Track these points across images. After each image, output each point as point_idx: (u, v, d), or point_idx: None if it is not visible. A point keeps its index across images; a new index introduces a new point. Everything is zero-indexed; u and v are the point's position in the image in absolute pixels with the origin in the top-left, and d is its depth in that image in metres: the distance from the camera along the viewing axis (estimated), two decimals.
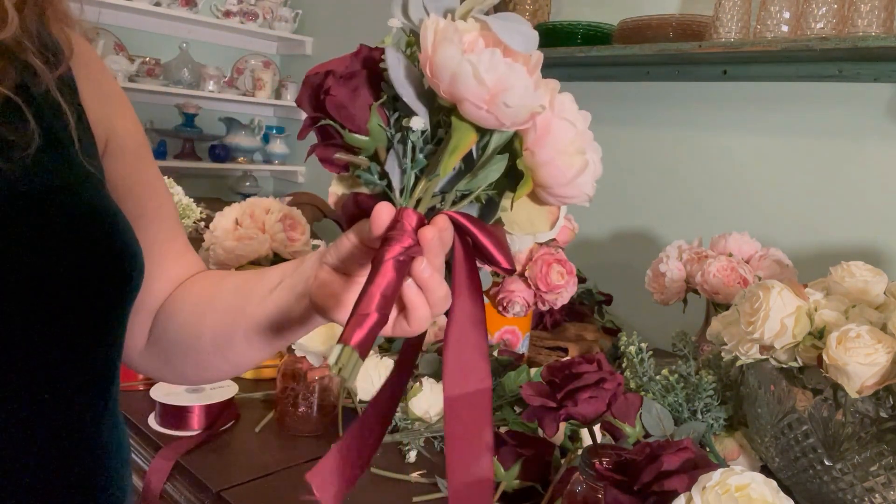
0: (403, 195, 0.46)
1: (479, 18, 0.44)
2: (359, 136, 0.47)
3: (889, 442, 0.68)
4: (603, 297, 1.48)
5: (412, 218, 0.44)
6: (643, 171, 1.73)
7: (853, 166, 1.41)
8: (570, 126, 0.46)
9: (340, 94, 0.46)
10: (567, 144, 0.46)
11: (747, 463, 0.88)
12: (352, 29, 2.60)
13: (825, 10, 1.28)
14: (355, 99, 0.46)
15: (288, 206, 1.27)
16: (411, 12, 0.46)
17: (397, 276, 0.42)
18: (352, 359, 0.40)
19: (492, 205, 0.48)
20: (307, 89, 0.48)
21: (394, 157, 0.46)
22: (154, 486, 0.85)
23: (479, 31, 0.44)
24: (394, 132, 0.46)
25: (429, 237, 0.43)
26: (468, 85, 0.41)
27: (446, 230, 0.44)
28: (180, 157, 2.65)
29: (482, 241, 0.45)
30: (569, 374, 0.74)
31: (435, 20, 0.43)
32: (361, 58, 0.47)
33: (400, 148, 0.46)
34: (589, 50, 1.60)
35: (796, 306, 0.76)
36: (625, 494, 0.59)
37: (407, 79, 0.45)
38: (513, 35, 0.43)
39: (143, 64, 2.49)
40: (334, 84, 0.46)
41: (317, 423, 0.97)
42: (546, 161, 0.46)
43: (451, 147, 0.44)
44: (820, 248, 1.44)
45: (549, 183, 0.46)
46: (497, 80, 0.41)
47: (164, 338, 0.63)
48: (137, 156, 0.62)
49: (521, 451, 0.79)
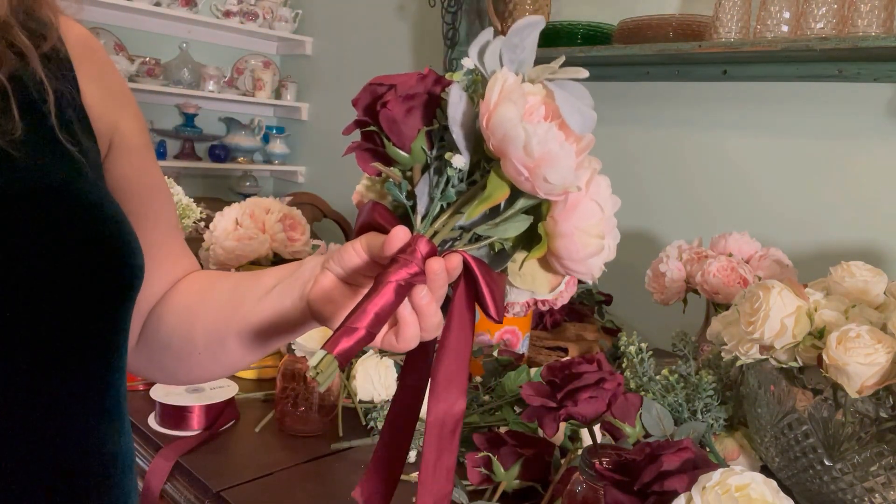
0: (424, 221, 0.48)
1: (547, 86, 0.45)
2: (401, 151, 0.48)
3: (889, 442, 0.68)
4: (603, 297, 1.48)
5: (425, 247, 0.45)
6: (643, 171, 1.73)
7: (853, 166, 1.41)
8: (598, 210, 0.48)
9: (396, 110, 0.47)
10: (590, 225, 0.48)
11: (747, 463, 0.88)
12: (352, 29, 2.60)
13: (825, 10, 1.28)
14: (408, 118, 0.48)
15: (288, 206, 1.27)
16: (486, 58, 0.47)
17: (395, 299, 0.44)
18: (331, 366, 0.41)
19: (503, 255, 0.49)
20: (367, 95, 0.49)
21: (426, 182, 0.48)
22: (154, 486, 0.85)
23: (544, 98, 0.45)
24: (434, 159, 0.48)
25: (435, 269, 0.44)
26: (516, 150, 0.43)
27: (457, 269, 0.46)
28: (180, 157, 2.65)
29: (483, 288, 0.47)
30: (569, 374, 0.74)
31: (505, 75, 0.44)
32: (427, 82, 0.48)
33: (435, 176, 0.48)
34: (589, 50, 1.60)
35: (796, 306, 0.76)
36: (625, 494, 0.59)
37: (462, 118, 0.46)
38: (573, 113, 0.44)
39: (143, 64, 2.49)
40: (393, 99, 0.47)
41: (317, 423, 0.97)
42: (565, 234, 0.47)
43: (484, 196, 0.46)
44: (820, 248, 1.44)
45: (562, 254, 0.48)
46: (544, 154, 0.43)
47: (155, 338, 0.63)
48: (141, 156, 0.62)
49: (521, 451, 0.79)
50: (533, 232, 0.48)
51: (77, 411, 0.51)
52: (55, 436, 0.49)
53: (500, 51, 0.47)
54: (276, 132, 2.85)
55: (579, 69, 0.46)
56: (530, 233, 0.49)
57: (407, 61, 2.36)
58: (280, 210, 1.23)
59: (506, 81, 0.44)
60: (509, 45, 0.47)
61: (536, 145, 0.42)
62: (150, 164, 0.63)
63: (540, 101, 0.45)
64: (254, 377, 1.15)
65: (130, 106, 0.62)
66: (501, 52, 0.47)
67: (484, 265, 0.48)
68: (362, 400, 1.02)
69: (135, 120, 0.62)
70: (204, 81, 2.60)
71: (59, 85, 0.53)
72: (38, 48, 0.52)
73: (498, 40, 0.47)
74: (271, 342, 0.57)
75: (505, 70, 0.45)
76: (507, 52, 0.47)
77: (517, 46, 0.47)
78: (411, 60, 2.35)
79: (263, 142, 2.82)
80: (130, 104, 0.62)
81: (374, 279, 0.45)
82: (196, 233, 1.43)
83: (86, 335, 0.51)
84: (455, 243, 0.48)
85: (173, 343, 0.62)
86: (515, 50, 0.47)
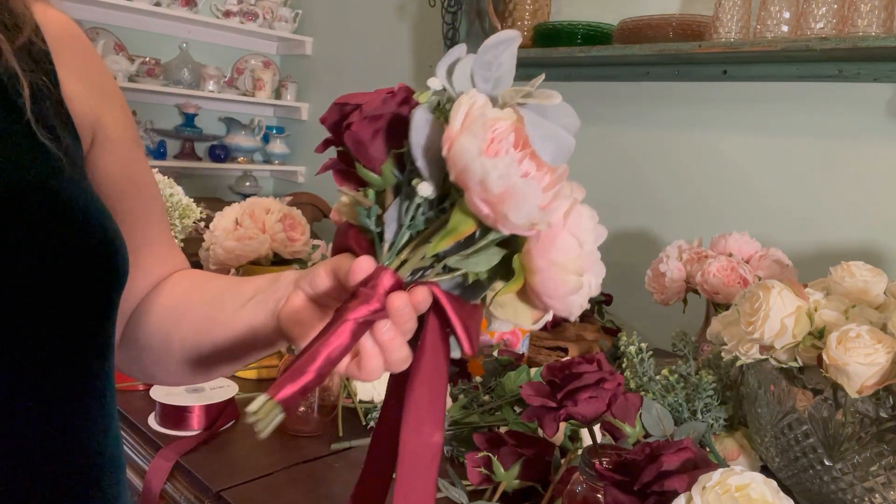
0: (392, 250, 0.44)
1: (518, 112, 0.41)
2: (371, 173, 0.46)
3: (889, 442, 0.68)
4: (603, 297, 1.48)
5: (388, 280, 0.42)
6: (643, 171, 1.73)
7: (853, 166, 1.41)
8: (576, 244, 0.44)
9: (361, 132, 0.45)
10: (567, 261, 0.44)
11: (747, 463, 0.88)
12: (352, 29, 2.60)
13: (825, 10, 1.28)
14: (375, 140, 0.45)
15: (288, 206, 1.27)
16: (456, 77, 0.44)
17: (351, 340, 0.41)
18: (272, 413, 0.39)
19: (479, 287, 0.46)
20: (333, 114, 0.46)
21: (396, 208, 0.45)
22: (154, 486, 0.85)
23: (514, 123, 0.41)
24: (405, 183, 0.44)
25: (397, 306, 0.42)
26: (475, 185, 0.40)
27: (423, 302, 0.43)
28: (180, 157, 2.65)
29: (454, 321, 0.44)
30: (569, 374, 0.74)
31: (471, 100, 0.41)
32: (393, 102, 0.45)
33: (406, 202, 0.44)
34: (589, 50, 1.60)
35: (796, 306, 0.76)
36: (625, 494, 0.59)
37: (426, 143, 0.43)
38: (545, 142, 0.40)
39: (143, 64, 2.49)
40: (358, 120, 0.44)
41: (317, 423, 0.97)
42: (541, 269, 0.44)
43: (448, 229, 0.43)
44: (820, 248, 1.44)
45: (539, 290, 0.45)
46: (506, 191, 0.39)
47: (136, 338, 0.62)
48: (127, 150, 0.59)
49: (521, 451, 0.79)
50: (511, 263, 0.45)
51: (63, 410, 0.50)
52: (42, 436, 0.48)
53: (472, 69, 0.43)
54: (276, 132, 2.85)
55: (552, 93, 0.41)
56: (508, 264, 0.45)
57: (407, 61, 2.36)
58: (280, 210, 1.23)
59: (472, 106, 0.40)
60: (481, 62, 0.43)
61: (497, 180, 0.39)
62: (137, 159, 0.61)
63: (509, 126, 0.41)
64: (254, 377, 1.15)
65: (115, 98, 0.59)
66: (473, 71, 0.43)
67: (455, 298, 0.44)
68: (362, 400, 1.02)
69: (120, 112, 0.59)
70: (204, 81, 2.60)
71: (35, 78, 0.51)
72: (12, 41, 0.50)
73: (469, 58, 0.44)
74: (246, 355, 0.56)
75: (473, 92, 0.41)
76: (480, 70, 0.43)
77: (490, 64, 0.43)
78: (411, 60, 2.35)
79: (263, 142, 2.82)
80: (115, 96, 0.59)
81: (335, 312, 0.42)
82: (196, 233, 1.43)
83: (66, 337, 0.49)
84: (426, 273, 0.45)
85: (153, 345, 0.61)
86: (489, 68, 0.43)
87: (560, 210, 0.44)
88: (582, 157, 2.08)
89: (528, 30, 1.77)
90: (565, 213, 0.44)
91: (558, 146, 0.41)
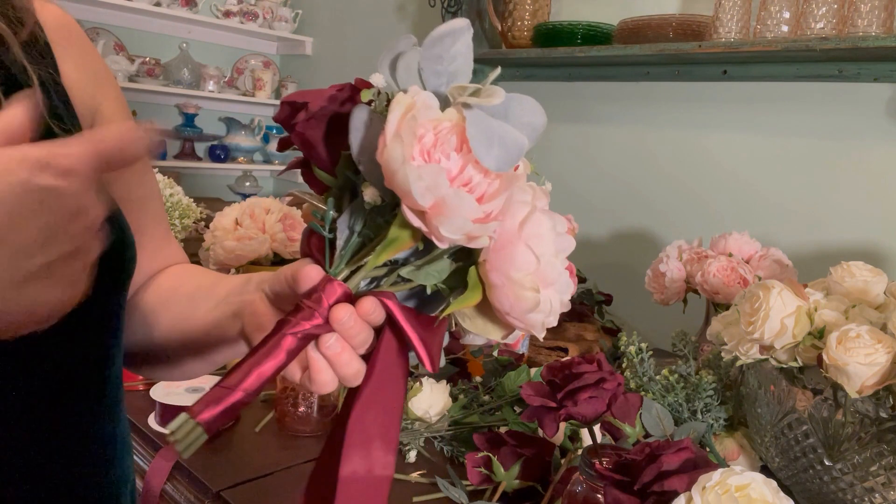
0: (341, 258, 0.41)
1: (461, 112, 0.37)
2: (325, 174, 0.42)
3: (889, 442, 0.68)
4: (603, 297, 1.48)
5: (335, 292, 0.39)
6: (643, 171, 1.73)
7: (853, 166, 1.41)
8: (532, 258, 0.39)
9: (308, 133, 0.41)
10: (522, 277, 0.39)
11: (747, 463, 0.88)
12: (352, 29, 2.60)
13: (825, 10, 1.28)
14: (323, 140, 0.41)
15: (288, 206, 1.27)
16: (400, 73, 0.40)
17: (288, 357, 0.39)
18: (193, 434, 0.36)
19: (438, 298, 0.42)
20: (282, 113, 0.43)
21: (348, 213, 0.41)
22: (154, 486, 0.85)
23: (456, 124, 0.37)
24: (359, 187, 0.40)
25: (340, 318, 0.39)
26: (404, 195, 0.36)
27: (372, 313, 0.39)
28: (180, 157, 2.65)
29: (409, 335, 0.40)
30: (569, 374, 0.74)
31: (409, 99, 0.37)
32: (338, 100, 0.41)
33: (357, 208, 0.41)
34: (589, 50, 1.60)
35: (796, 306, 0.76)
36: (625, 494, 0.59)
37: (366, 145, 0.39)
38: (490, 147, 0.36)
39: (143, 64, 2.49)
40: (303, 121, 0.41)
41: (317, 423, 0.97)
42: (496, 285, 0.40)
43: (388, 240, 0.39)
44: (820, 248, 1.44)
45: (497, 307, 0.41)
46: (436, 203, 0.36)
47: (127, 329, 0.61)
48: None
49: (521, 451, 0.79)
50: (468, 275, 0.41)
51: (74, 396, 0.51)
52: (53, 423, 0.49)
53: (419, 64, 0.39)
54: (276, 132, 2.85)
55: (495, 91, 0.37)
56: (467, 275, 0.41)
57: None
58: (280, 210, 1.23)
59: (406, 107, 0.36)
60: (429, 56, 0.39)
61: (424, 192, 0.35)
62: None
63: (451, 128, 0.37)
64: None
65: (111, 87, 0.60)
66: (421, 66, 0.39)
67: (410, 310, 0.41)
68: None
69: (116, 101, 0.60)
70: (204, 81, 2.60)
71: (41, 70, 0.52)
72: (17, 34, 0.50)
73: (414, 51, 0.40)
74: (216, 354, 0.55)
75: (414, 89, 0.38)
76: (428, 64, 0.39)
77: (440, 58, 0.39)
78: None
79: (263, 142, 2.82)
80: (111, 85, 0.60)
81: (275, 324, 0.39)
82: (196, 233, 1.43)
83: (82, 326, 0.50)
84: (381, 283, 0.41)
85: (138, 338, 0.61)
86: (440, 61, 0.39)
87: (515, 219, 0.39)
88: (582, 157, 2.07)
89: (528, 30, 1.77)
90: (521, 221, 0.39)
91: (505, 150, 0.37)
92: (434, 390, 0.97)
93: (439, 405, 0.96)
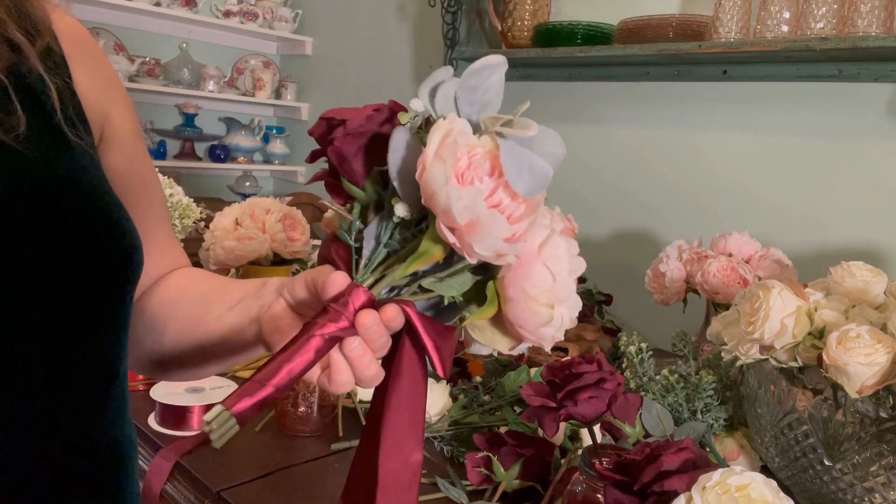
0: (367, 267, 0.44)
1: (496, 140, 0.40)
2: (354, 187, 0.46)
3: (889, 442, 0.68)
4: (603, 297, 1.48)
5: (360, 298, 0.42)
6: (643, 171, 1.73)
7: (853, 166, 1.41)
8: (549, 276, 0.43)
9: (344, 148, 0.45)
10: (539, 293, 0.43)
11: (747, 463, 0.88)
12: (352, 29, 2.60)
13: (825, 10, 1.28)
14: (358, 156, 0.45)
15: (288, 206, 1.27)
16: (439, 100, 0.43)
17: (316, 356, 0.41)
18: (227, 424, 0.39)
19: (453, 309, 0.45)
20: (319, 128, 0.47)
21: (375, 225, 0.44)
22: (154, 486, 0.85)
23: (490, 150, 0.40)
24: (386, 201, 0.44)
25: (365, 323, 0.42)
26: (442, 213, 0.39)
27: (394, 320, 0.42)
28: (180, 157, 2.65)
29: (425, 342, 0.43)
30: (569, 374, 0.74)
31: (447, 126, 0.40)
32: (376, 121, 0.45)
33: (384, 221, 0.44)
34: (589, 50, 1.60)
35: (796, 306, 0.76)
36: (625, 494, 0.59)
37: (403, 165, 0.42)
38: (520, 174, 0.39)
39: (143, 64, 2.49)
40: (341, 136, 0.45)
41: (317, 423, 0.97)
42: (513, 299, 0.43)
43: (418, 253, 0.43)
44: (820, 248, 1.44)
45: (511, 319, 0.44)
46: (471, 222, 0.39)
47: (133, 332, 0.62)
48: (132, 146, 0.61)
49: (521, 451, 0.79)
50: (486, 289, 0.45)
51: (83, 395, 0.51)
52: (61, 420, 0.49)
53: (456, 93, 0.42)
54: (276, 132, 2.85)
55: (530, 124, 0.40)
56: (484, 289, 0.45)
57: (407, 61, 2.36)
58: (280, 210, 1.23)
59: (446, 133, 0.40)
60: (466, 87, 0.42)
61: (462, 211, 0.38)
62: (141, 154, 0.63)
63: (485, 154, 0.40)
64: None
65: (121, 96, 0.61)
66: (457, 95, 0.42)
67: (428, 319, 0.44)
68: (362, 400, 1.02)
69: (125, 109, 0.61)
70: (204, 81, 2.60)
71: (56, 79, 0.53)
72: (34, 45, 0.52)
73: (453, 81, 0.43)
74: (231, 357, 0.56)
75: (451, 117, 0.41)
76: (464, 94, 0.42)
77: (476, 89, 0.42)
78: (411, 60, 2.35)
79: (263, 142, 2.82)
80: (121, 94, 0.62)
81: (303, 326, 0.42)
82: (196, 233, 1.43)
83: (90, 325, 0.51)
84: (402, 292, 0.45)
85: (146, 341, 0.62)
86: (475, 92, 0.42)
87: (535, 240, 0.43)
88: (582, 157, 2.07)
89: (528, 30, 1.77)
90: (541, 243, 0.43)
91: (533, 177, 0.40)
92: (434, 390, 0.97)
93: (439, 405, 0.96)
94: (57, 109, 0.51)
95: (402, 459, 0.45)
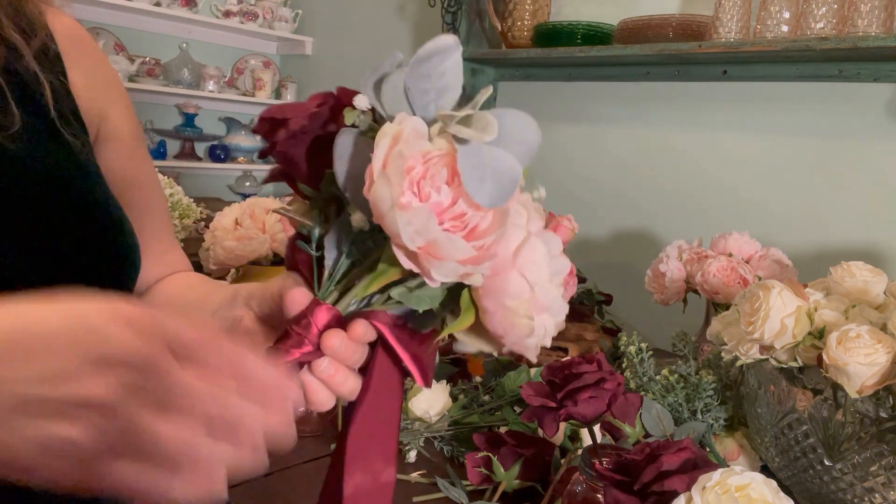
0: (331, 279, 0.40)
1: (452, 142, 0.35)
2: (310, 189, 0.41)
3: (889, 442, 0.68)
4: (603, 297, 1.48)
5: (323, 317, 0.38)
6: (643, 171, 1.73)
7: (853, 166, 1.41)
8: (526, 287, 0.38)
9: (289, 150, 0.40)
10: (517, 304, 0.38)
11: (747, 463, 0.88)
12: (352, 29, 2.60)
13: (825, 10, 1.28)
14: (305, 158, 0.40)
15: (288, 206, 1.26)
16: (385, 94, 0.37)
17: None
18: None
19: (430, 315, 0.41)
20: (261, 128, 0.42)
21: (336, 233, 0.40)
22: None
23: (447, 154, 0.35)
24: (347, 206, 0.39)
25: (332, 346, 0.38)
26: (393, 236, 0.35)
27: (364, 336, 0.39)
28: (180, 157, 2.65)
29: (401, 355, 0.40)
30: (569, 374, 0.74)
31: (395, 129, 0.35)
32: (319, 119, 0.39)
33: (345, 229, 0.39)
34: (589, 50, 1.60)
35: (796, 306, 0.76)
36: (625, 494, 0.59)
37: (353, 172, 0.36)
38: (482, 182, 0.34)
39: (143, 64, 2.49)
40: (284, 139, 0.40)
41: (317, 423, 0.97)
42: (490, 311, 0.39)
43: (376, 273, 0.38)
44: (820, 248, 1.44)
45: (491, 331, 0.40)
46: (427, 247, 0.34)
47: None
48: (130, 147, 0.61)
49: (521, 451, 0.79)
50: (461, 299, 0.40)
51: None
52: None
53: (405, 84, 0.37)
54: None
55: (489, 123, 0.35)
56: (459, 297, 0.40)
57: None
58: None
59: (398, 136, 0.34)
60: (416, 75, 0.37)
61: (414, 236, 0.34)
62: (140, 155, 0.63)
63: (441, 158, 0.35)
64: None
65: (119, 96, 0.61)
66: (407, 86, 0.37)
67: (403, 329, 0.40)
68: None
69: (124, 110, 0.61)
70: (204, 81, 2.60)
71: (51, 77, 0.53)
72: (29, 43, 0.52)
73: (400, 72, 0.37)
74: None
75: (401, 117, 0.35)
76: (415, 83, 0.37)
77: (428, 76, 0.37)
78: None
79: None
80: (119, 94, 0.61)
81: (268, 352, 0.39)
82: (196, 233, 1.43)
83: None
84: (372, 300, 0.40)
85: None
86: (428, 80, 0.37)
87: (510, 245, 0.38)
88: (582, 157, 2.07)
89: (528, 30, 1.77)
90: (516, 249, 0.38)
91: (498, 185, 0.34)
92: (434, 390, 0.97)
93: (439, 405, 0.96)
94: (51, 107, 0.51)
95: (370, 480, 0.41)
